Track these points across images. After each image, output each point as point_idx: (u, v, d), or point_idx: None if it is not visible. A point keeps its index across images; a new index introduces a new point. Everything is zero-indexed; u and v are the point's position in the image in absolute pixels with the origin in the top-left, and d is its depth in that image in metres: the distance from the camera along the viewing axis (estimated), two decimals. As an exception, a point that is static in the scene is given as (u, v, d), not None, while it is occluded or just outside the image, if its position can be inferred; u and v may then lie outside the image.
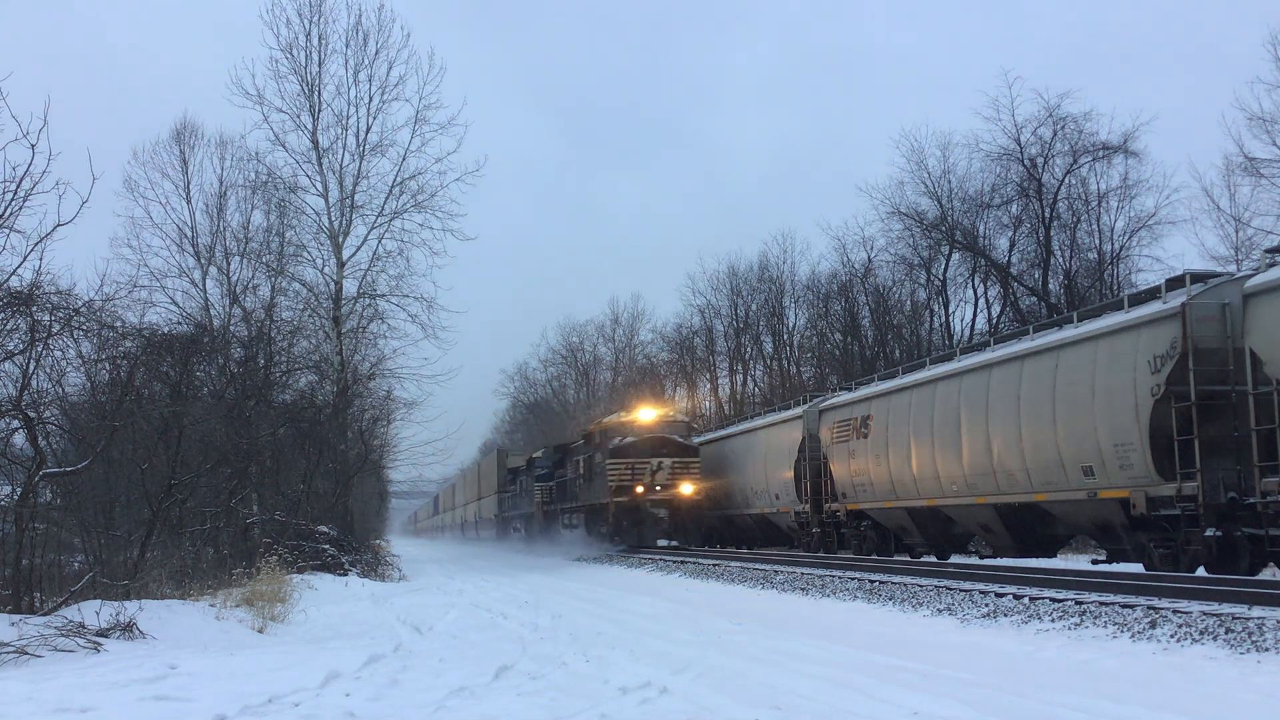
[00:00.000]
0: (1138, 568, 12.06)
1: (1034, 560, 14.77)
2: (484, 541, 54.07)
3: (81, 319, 10.28)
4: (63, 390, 11.50)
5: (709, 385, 47.24)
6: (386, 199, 24.13)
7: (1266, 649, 6.73)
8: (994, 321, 31.11)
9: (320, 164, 23.92)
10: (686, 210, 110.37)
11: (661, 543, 26.93)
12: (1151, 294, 12.65)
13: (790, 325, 41.90)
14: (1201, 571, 11.06)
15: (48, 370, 10.59)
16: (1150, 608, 8.27)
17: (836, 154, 75.22)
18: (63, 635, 7.74)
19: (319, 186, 23.95)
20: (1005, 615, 9.30)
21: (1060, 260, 29.97)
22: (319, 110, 24.01)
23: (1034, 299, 29.96)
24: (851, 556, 18.74)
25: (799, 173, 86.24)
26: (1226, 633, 7.20)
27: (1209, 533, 10.88)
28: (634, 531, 25.54)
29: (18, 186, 8.75)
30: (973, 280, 32.38)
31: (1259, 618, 7.31)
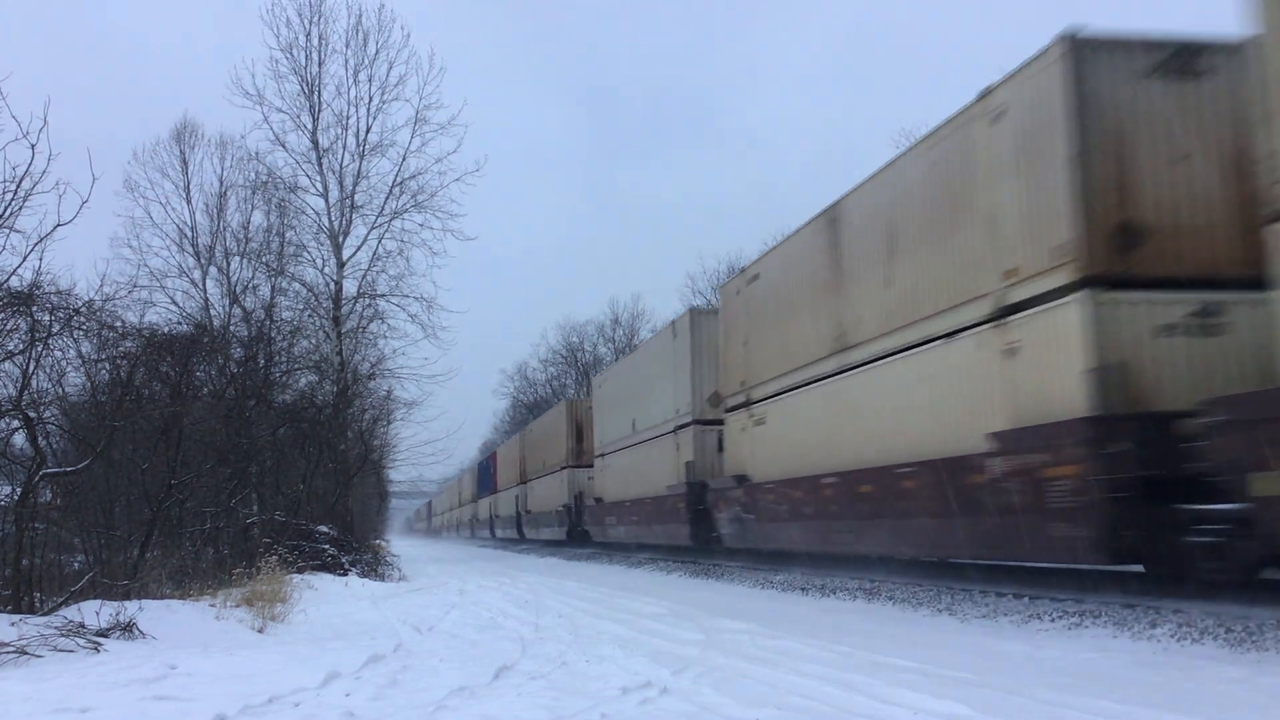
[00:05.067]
0: (1136, 567, 12.03)
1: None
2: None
3: (81, 319, 10.29)
4: (63, 390, 11.51)
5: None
6: (386, 199, 24.19)
7: (1267, 649, 6.72)
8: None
9: (320, 164, 23.96)
10: (698, 208, 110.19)
11: None
12: None
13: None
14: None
15: (48, 370, 10.60)
16: (1150, 607, 8.27)
17: (857, 150, 74.73)
18: (63, 635, 7.73)
19: (319, 186, 24.00)
20: (1005, 615, 9.31)
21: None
22: (319, 110, 24.06)
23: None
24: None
25: (814, 170, 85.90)
26: (1227, 632, 7.20)
27: None
28: None
29: (18, 186, 8.76)
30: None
31: (1259, 617, 7.31)
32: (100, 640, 7.86)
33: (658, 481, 21.38)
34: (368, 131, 24.12)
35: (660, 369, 21.74)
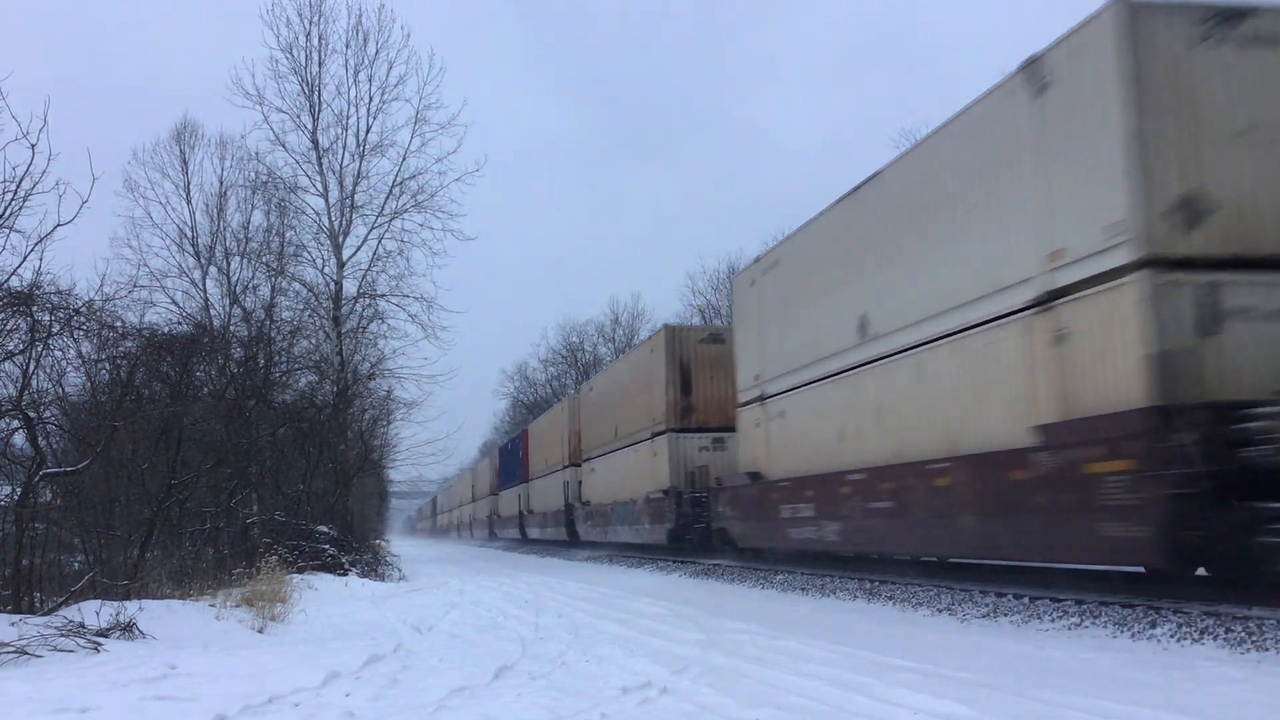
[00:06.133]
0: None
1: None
2: None
3: (81, 319, 10.29)
4: (63, 390, 11.51)
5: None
6: (386, 199, 24.17)
7: (1267, 649, 6.72)
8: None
9: (320, 164, 23.95)
10: (699, 208, 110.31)
11: None
12: None
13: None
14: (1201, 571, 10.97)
15: (48, 370, 10.61)
16: (1150, 607, 8.27)
17: (859, 150, 74.55)
18: (63, 635, 7.74)
19: (319, 186, 23.99)
20: (1005, 615, 9.30)
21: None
22: (319, 110, 24.04)
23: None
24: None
25: (815, 170, 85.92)
26: (1226, 632, 7.20)
27: None
28: None
29: (18, 186, 8.78)
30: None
31: (1259, 617, 7.31)
32: (100, 640, 7.87)
33: (977, 425, 10.21)
34: (368, 131, 24.14)
35: (980, 168, 10.12)
